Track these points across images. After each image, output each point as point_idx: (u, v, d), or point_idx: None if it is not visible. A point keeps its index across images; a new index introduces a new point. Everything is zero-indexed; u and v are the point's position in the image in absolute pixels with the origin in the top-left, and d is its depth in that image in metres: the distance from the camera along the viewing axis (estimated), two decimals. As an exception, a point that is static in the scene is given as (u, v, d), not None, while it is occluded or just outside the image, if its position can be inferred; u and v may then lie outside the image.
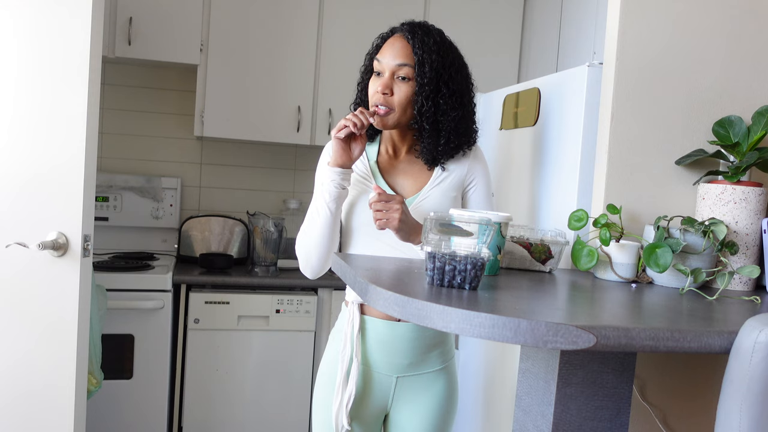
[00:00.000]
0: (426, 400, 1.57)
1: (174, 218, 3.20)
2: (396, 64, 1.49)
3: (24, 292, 1.90)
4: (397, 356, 1.54)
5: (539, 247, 1.42)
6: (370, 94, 1.53)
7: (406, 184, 1.60)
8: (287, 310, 2.79)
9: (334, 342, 1.61)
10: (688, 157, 1.50)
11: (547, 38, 3.06)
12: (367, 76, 1.59)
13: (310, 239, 1.56)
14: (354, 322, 1.53)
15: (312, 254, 1.56)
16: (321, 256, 1.56)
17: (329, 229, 1.53)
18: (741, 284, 1.42)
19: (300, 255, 1.60)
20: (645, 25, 1.52)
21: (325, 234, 1.53)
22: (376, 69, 1.53)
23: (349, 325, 1.54)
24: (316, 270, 1.59)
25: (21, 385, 1.92)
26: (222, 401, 2.78)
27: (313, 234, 1.55)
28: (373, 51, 1.57)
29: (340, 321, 1.62)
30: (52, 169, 1.89)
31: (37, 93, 1.88)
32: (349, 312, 1.55)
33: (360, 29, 3.08)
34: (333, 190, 1.50)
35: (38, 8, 1.86)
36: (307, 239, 1.57)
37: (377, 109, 1.50)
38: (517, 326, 0.86)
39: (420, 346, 1.54)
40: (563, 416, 1.09)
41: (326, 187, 1.51)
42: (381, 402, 1.57)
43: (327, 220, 1.52)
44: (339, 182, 1.50)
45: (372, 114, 1.49)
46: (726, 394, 0.93)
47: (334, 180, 1.50)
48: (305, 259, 1.58)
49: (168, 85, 3.27)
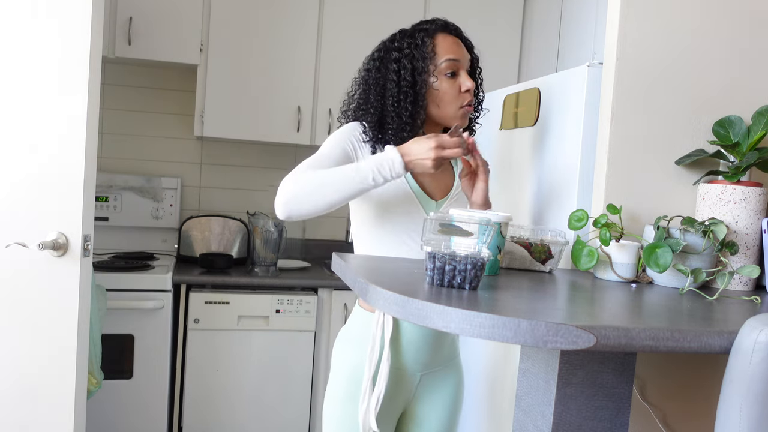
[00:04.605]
0: (442, 392, 1.59)
1: (174, 218, 3.20)
2: (467, 60, 1.51)
3: (24, 292, 1.90)
4: (424, 354, 1.53)
5: (539, 247, 1.42)
6: (453, 95, 1.50)
7: (433, 185, 1.57)
8: (287, 310, 2.78)
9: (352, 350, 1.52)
10: (688, 157, 1.50)
11: (547, 38, 3.06)
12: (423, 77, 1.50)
13: (323, 188, 1.38)
14: (386, 326, 1.47)
15: (312, 200, 1.38)
16: (317, 209, 1.40)
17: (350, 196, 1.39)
18: (741, 284, 1.42)
19: (292, 191, 1.39)
20: (645, 25, 1.52)
21: (343, 198, 1.39)
22: (450, 69, 1.49)
23: (378, 329, 1.47)
24: (295, 214, 1.40)
25: (21, 385, 1.92)
26: (222, 401, 2.78)
27: (332, 187, 1.38)
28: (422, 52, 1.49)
29: (358, 328, 1.53)
30: (52, 169, 1.89)
31: (38, 93, 1.88)
32: (378, 315, 1.49)
33: (360, 29, 3.08)
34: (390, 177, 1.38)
35: (38, 8, 1.86)
36: (317, 185, 1.38)
37: (468, 108, 1.51)
38: (517, 326, 0.86)
39: (442, 342, 1.56)
40: (563, 416, 1.09)
41: (387, 170, 1.37)
42: (404, 400, 1.57)
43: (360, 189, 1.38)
44: (396, 176, 1.39)
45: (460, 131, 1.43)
46: (726, 394, 0.93)
47: (399, 174, 1.38)
48: (299, 198, 1.39)
49: (168, 85, 3.27)
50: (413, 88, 1.49)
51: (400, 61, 1.50)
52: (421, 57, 1.49)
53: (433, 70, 1.50)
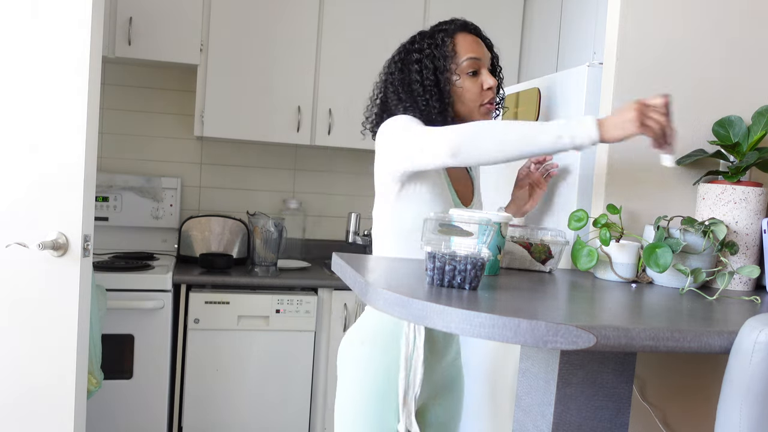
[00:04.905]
0: (452, 385, 1.60)
1: (174, 218, 3.20)
2: (488, 58, 1.51)
3: (24, 292, 1.90)
4: (446, 351, 1.54)
5: (539, 247, 1.42)
6: (476, 93, 1.50)
7: (461, 188, 1.57)
8: (287, 310, 2.78)
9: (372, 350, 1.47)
10: (688, 157, 1.50)
11: (547, 38, 3.06)
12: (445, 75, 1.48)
13: (507, 134, 1.27)
14: (419, 327, 1.44)
15: (486, 146, 1.28)
16: (489, 157, 1.29)
17: (530, 153, 1.28)
18: (741, 284, 1.42)
19: (469, 132, 1.29)
20: (645, 25, 1.52)
21: (522, 152, 1.28)
22: (471, 67, 1.49)
23: (411, 332, 1.44)
24: (463, 156, 1.29)
25: (21, 385, 1.92)
26: (222, 401, 2.78)
27: (515, 136, 1.27)
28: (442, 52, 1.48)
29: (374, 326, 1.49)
30: (52, 169, 1.89)
31: (38, 93, 1.88)
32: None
33: (360, 29, 3.08)
34: (581, 141, 1.25)
35: (38, 8, 1.86)
36: (499, 131, 1.28)
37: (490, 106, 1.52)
38: (517, 326, 0.86)
39: (452, 342, 1.57)
40: (563, 416, 1.09)
41: (578, 129, 1.25)
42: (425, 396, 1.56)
43: (544, 146, 1.26)
44: (588, 141, 1.25)
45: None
46: (726, 394, 0.93)
47: (592, 138, 1.24)
48: (475, 141, 1.28)
49: (168, 85, 3.27)
50: (437, 86, 1.49)
51: (422, 62, 1.49)
52: (442, 56, 1.48)
53: (455, 69, 1.49)
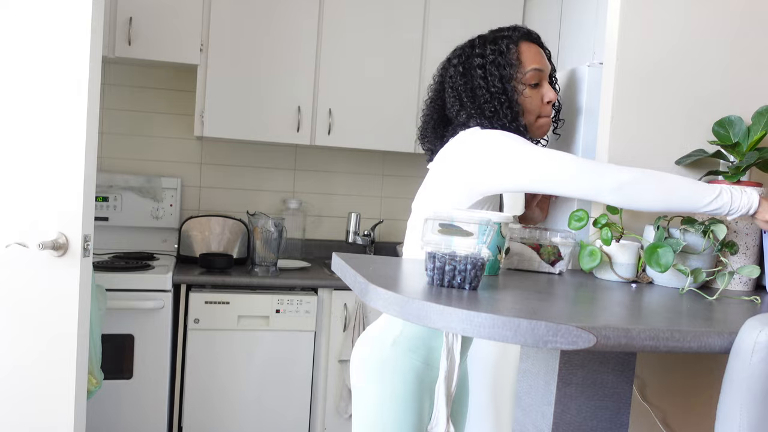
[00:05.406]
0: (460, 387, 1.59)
1: (174, 218, 3.20)
2: (549, 70, 1.51)
3: (24, 292, 1.90)
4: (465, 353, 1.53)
5: (548, 248, 1.42)
6: (537, 105, 1.48)
7: (508, 200, 1.58)
8: (287, 310, 2.78)
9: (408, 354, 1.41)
10: (688, 157, 1.50)
11: (547, 38, 3.05)
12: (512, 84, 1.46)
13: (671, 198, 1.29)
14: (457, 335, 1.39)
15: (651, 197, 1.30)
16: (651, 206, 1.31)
17: (686, 210, 1.31)
18: (741, 284, 1.42)
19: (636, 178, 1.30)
20: (645, 25, 1.52)
21: (679, 208, 1.30)
22: (535, 79, 1.47)
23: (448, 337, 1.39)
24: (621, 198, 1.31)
25: (21, 385, 1.92)
26: (222, 401, 2.78)
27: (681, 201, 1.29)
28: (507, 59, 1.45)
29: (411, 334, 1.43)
30: (52, 169, 1.89)
31: (38, 93, 1.88)
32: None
33: (360, 29, 3.08)
34: (737, 212, 1.30)
35: (38, 8, 1.86)
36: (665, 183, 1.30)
37: (547, 119, 1.51)
38: (517, 326, 0.86)
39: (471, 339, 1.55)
40: (563, 416, 1.09)
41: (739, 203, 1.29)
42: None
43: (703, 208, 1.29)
44: (739, 214, 1.30)
45: None
46: (726, 394, 0.93)
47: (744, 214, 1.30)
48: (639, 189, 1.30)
49: (168, 85, 3.27)
50: (505, 94, 1.45)
51: (485, 68, 1.46)
52: (507, 64, 1.45)
53: (520, 78, 1.46)
